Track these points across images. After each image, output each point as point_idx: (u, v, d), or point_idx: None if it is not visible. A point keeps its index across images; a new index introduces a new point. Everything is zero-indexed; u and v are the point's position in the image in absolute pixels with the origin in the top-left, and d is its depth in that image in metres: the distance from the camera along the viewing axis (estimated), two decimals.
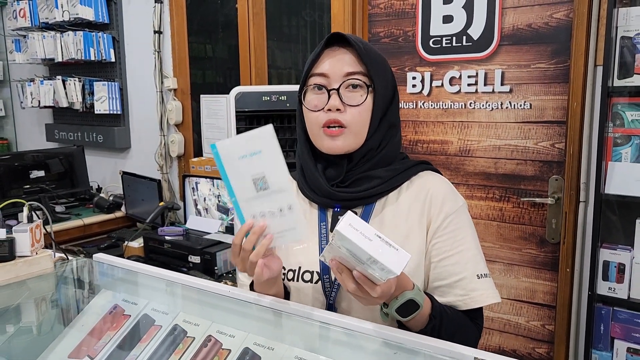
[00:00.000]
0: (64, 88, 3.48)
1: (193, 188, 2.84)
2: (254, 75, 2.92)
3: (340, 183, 1.06)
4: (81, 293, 1.41)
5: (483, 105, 2.22)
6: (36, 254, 1.36)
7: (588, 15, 1.93)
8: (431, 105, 2.34)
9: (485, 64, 2.20)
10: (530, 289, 2.21)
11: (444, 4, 2.25)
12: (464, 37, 2.22)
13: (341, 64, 1.02)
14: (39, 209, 1.53)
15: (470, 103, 2.24)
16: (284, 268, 1.07)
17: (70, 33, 3.28)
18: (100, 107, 3.36)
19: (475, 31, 2.19)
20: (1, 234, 1.31)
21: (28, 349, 1.25)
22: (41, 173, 3.12)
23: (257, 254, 0.91)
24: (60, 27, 3.35)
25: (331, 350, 0.94)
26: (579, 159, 2.01)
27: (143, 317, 1.11)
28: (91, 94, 3.43)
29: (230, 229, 2.64)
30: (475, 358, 0.80)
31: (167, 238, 2.58)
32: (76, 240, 3.01)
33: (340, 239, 0.80)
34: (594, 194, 1.87)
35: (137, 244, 2.70)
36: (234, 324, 1.01)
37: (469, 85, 2.24)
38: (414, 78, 2.36)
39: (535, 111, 2.12)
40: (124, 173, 3.26)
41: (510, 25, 2.13)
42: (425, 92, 2.35)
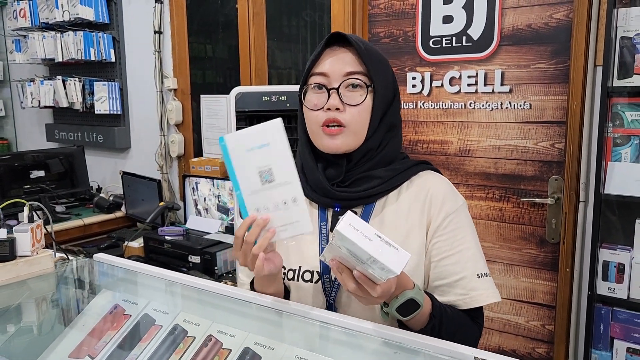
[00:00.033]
0: (64, 88, 3.48)
1: (193, 188, 2.84)
2: (254, 76, 2.92)
3: (341, 183, 1.06)
4: (82, 293, 1.41)
5: (483, 106, 2.22)
6: (37, 253, 1.37)
7: (588, 16, 1.93)
8: (431, 105, 2.34)
9: (485, 64, 2.20)
10: (530, 289, 2.21)
11: (444, 4, 2.25)
12: (464, 38, 2.22)
13: (341, 63, 1.02)
14: (40, 209, 1.53)
15: (470, 103, 2.24)
16: (284, 267, 1.08)
17: (71, 33, 3.28)
18: (101, 107, 3.37)
19: (475, 31, 2.20)
20: (2, 233, 1.31)
21: (29, 348, 1.25)
22: (41, 173, 3.12)
23: (259, 247, 0.91)
24: (60, 27, 3.35)
25: (331, 350, 0.94)
26: (578, 159, 2.01)
27: (143, 317, 1.11)
28: (91, 94, 3.43)
29: (230, 229, 2.64)
30: (475, 358, 0.80)
31: (167, 238, 2.58)
32: (76, 240, 3.02)
33: (340, 239, 0.80)
34: (594, 194, 1.87)
35: (137, 244, 2.71)
36: (235, 323, 1.01)
37: (468, 85, 2.24)
38: (414, 78, 2.36)
39: (535, 111, 2.12)
40: (124, 173, 3.26)
41: (510, 25, 2.13)
42: (425, 92, 2.35)
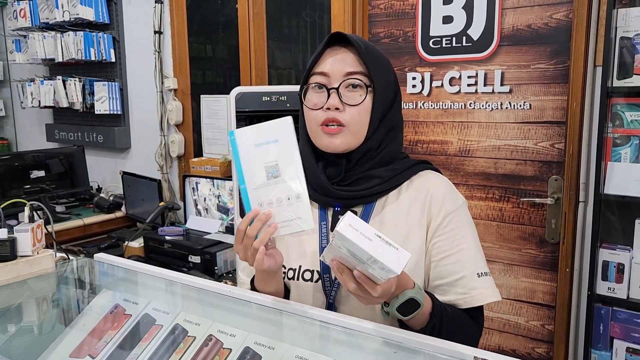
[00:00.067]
0: (64, 88, 3.49)
1: (193, 188, 2.84)
2: (254, 76, 2.92)
3: (341, 182, 1.06)
4: (82, 293, 1.41)
5: (483, 106, 2.22)
6: (37, 253, 1.37)
7: (588, 16, 1.93)
8: (431, 105, 2.34)
9: (485, 65, 2.20)
10: (529, 289, 2.21)
11: (443, 4, 2.26)
12: (464, 38, 2.22)
13: (342, 63, 1.03)
14: (40, 208, 1.53)
15: (470, 103, 2.25)
16: (284, 267, 1.08)
17: (71, 33, 3.28)
18: (101, 107, 3.37)
19: (475, 32, 2.20)
20: (2, 233, 1.31)
21: (29, 348, 1.25)
22: (41, 173, 3.12)
23: (261, 241, 0.92)
24: (60, 27, 3.35)
25: (331, 350, 0.94)
26: (578, 159, 2.01)
27: (144, 317, 1.11)
28: (91, 94, 3.43)
29: (230, 229, 2.64)
30: (475, 357, 0.81)
31: (167, 238, 2.58)
32: (76, 240, 3.02)
33: (341, 239, 0.80)
34: (594, 194, 1.87)
35: (138, 244, 2.71)
36: (235, 323, 1.01)
37: (468, 85, 2.24)
38: (414, 78, 2.36)
39: (534, 111, 2.12)
40: (124, 173, 3.27)
41: (510, 25, 2.14)
42: (425, 93, 2.35)
